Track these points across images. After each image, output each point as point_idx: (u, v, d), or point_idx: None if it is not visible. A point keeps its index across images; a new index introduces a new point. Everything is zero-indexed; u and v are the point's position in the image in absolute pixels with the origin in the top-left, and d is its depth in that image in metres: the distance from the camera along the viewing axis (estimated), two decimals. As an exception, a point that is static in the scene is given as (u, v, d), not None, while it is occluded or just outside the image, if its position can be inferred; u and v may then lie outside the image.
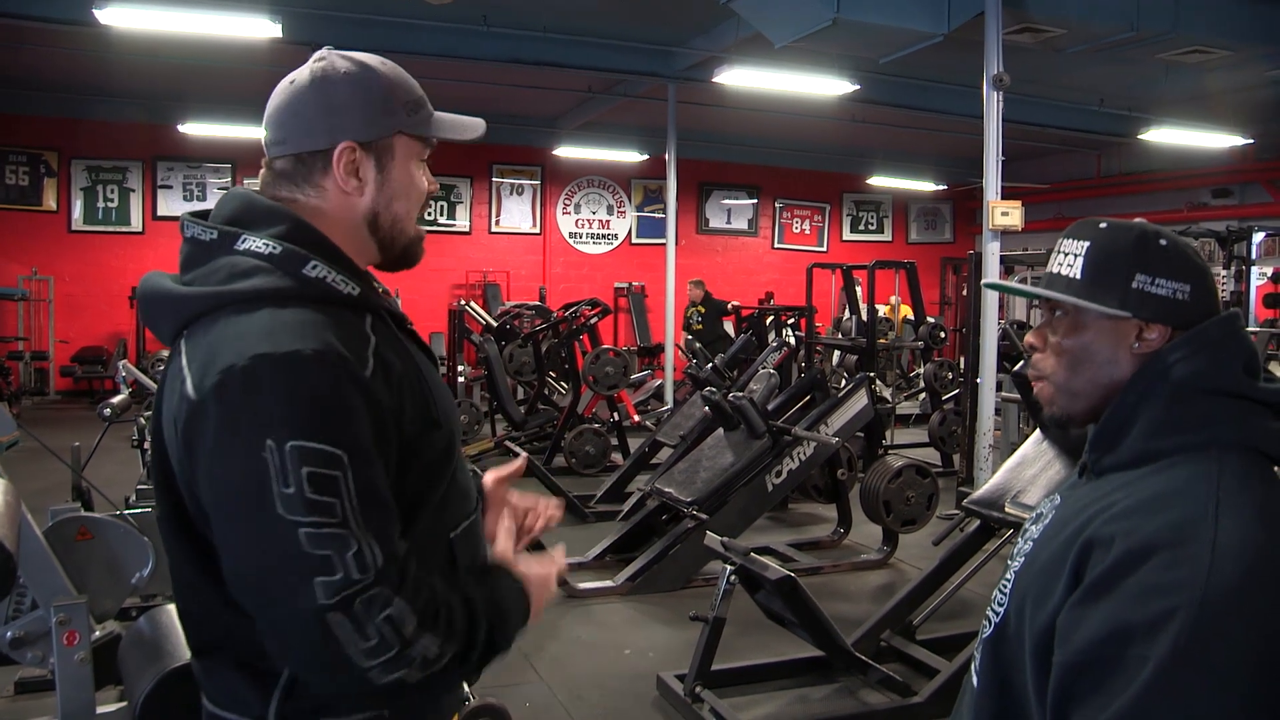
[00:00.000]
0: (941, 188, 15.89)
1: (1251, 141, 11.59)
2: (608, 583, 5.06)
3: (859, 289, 10.17)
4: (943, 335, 9.24)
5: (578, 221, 14.80)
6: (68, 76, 10.94)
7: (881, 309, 10.55)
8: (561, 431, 8.05)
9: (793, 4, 6.81)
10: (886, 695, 3.76)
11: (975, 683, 1.17)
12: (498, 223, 14.34)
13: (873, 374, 6.77)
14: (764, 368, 6.56)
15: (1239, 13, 7.48)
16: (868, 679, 3.85)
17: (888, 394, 9.79)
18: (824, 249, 16.09)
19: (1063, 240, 1.19)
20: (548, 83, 10.47)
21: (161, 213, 12.71)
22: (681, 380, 10.48)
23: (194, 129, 11.65)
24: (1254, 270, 8.98)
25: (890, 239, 16.73)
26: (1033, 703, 1.04)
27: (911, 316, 10.28)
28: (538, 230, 14.55)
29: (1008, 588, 1.13)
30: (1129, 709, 0.91)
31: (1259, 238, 9.15)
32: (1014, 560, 1.16)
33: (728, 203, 15.65)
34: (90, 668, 1.76)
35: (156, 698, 1.64)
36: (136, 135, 12.28)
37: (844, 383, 6.90)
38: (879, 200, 16.57)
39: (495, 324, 10.57)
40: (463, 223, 14.11)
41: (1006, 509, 3.75)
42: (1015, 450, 4.19)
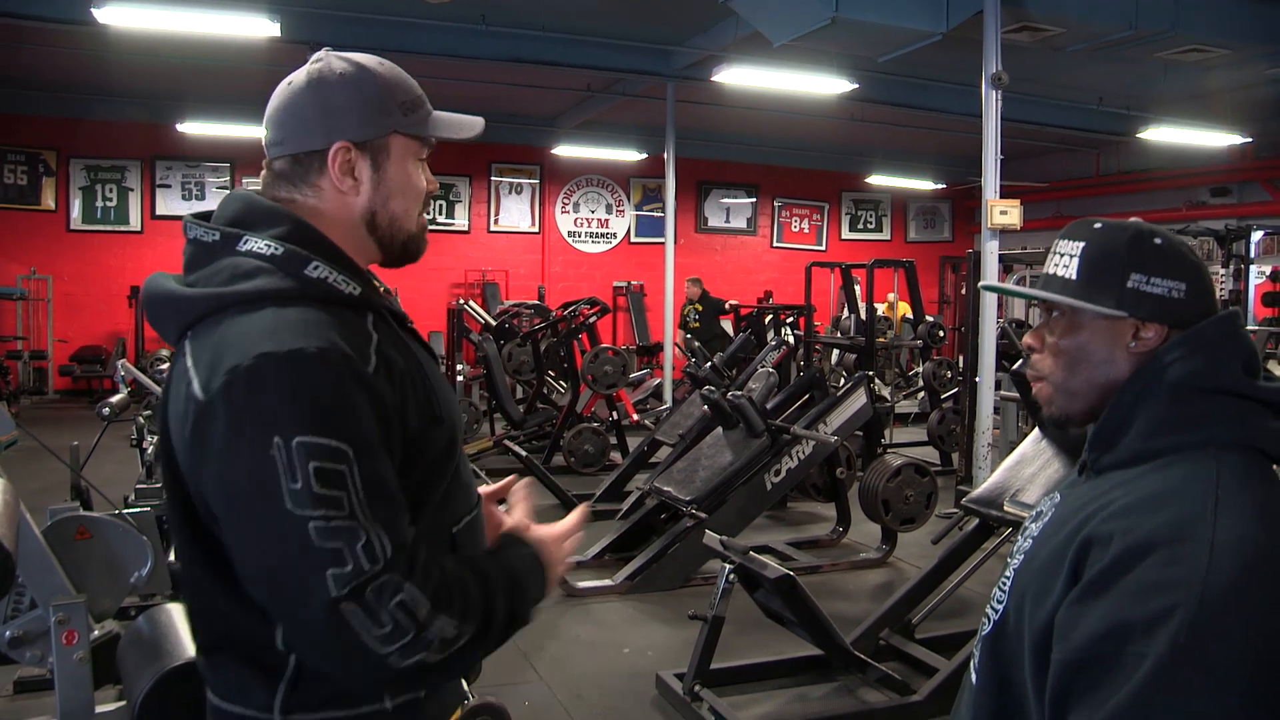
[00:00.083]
0: (940, 186, 15.89)
1: (1250, 140, 11.58)
2: (607, 581, 5.06)
3: (858, 288, 10.17)
4: (941, 334, 9.24)
5: (576, 220, 14.79)
6: (66, 76, 10.92)
7: (879, 307, 10.54)
8: (560, 430, 8.05)
9: (791, 3, 6.81)
10: (885, 694, 3.77)
11: (974, 680, 1.17)
12: (496, 222, 14.33)
13: (871, 373, 6.77)
14: (763, 366, 6.55)
15: (1238, 12, 7.48)
16: (867, 677, 3.86)
17: (886, 393, 9.79)
18: (823, 248, 16.09)
19: (1058, 241, 1.19)
20: (546, 82, 10.47)
21: (160, 212, 12.70)
22: (680, 379, 10.49)
23: (193, 128, 11.63)
24: (1253, 269, 8.99)
25: (889, 238, 16.73)
26: (1031, 700, 1.04)
27: (910, 315, 10.28)
28: (536, 229, 14.54)
29: (1007, 585, 1.14)
30: (1127, 706, 0.91)
31: (1258, 236, 9.16)
32: (1013, 558, 1.17)
33: (726, 202, 15.64)
34: (89, 667, 1.76)
35: (155, 697, 1.65)
36: (135, 134, 12.27)
37: (843, 381, 6.89)
38: (878, 199, 16.57)
39: (494, 323, 10.57)
40: (461, 222, 14.11)
41: (1005, 507, 3.76)
42: (1014, 449, 4.18)
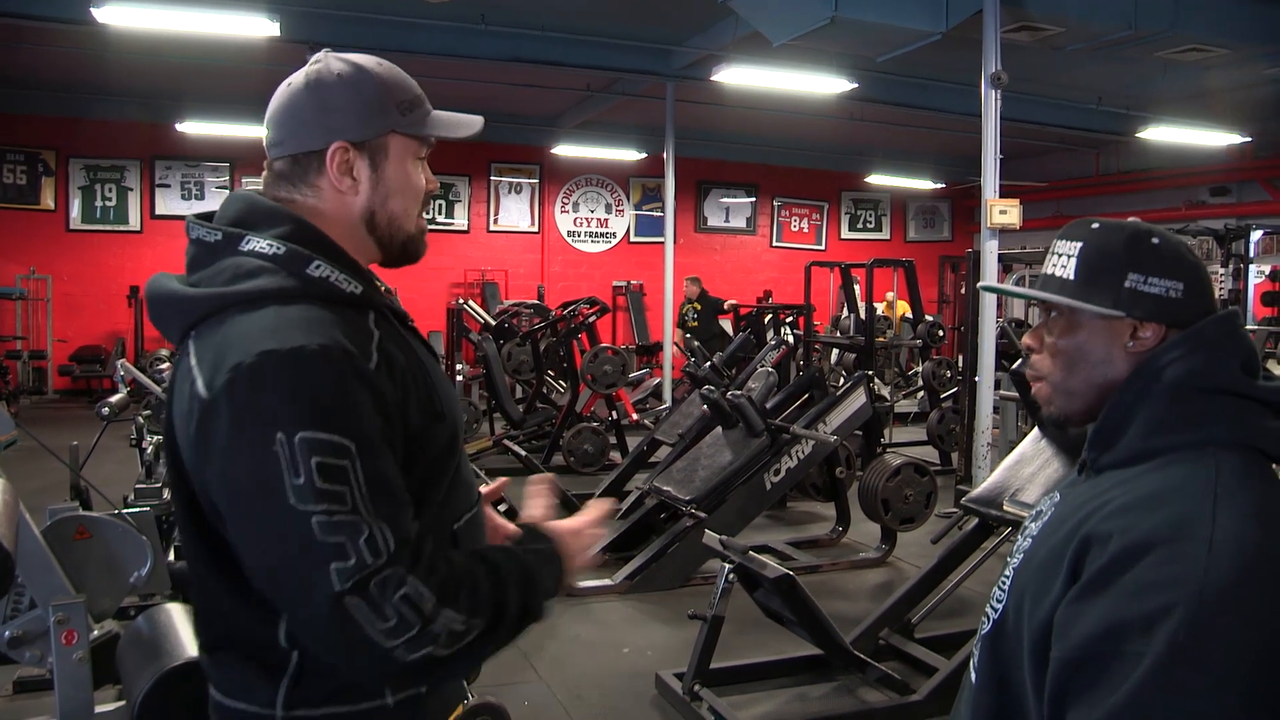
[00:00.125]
0: (940, 186, 15.88)
1: (1249, 140, 11.58)
2: (606, 581, 5.05)
3: (857, 287, 10.17)
4: (941, 333, 9.25)
5: (576, 220, 14.79)
6: (65, 75, 10.91)
7: (878, 307, 10.55)
8: (560, 430, 8.05)
9: (791, 2, 6.82)
10: (885, 693, 3.77)
11: (974, 679, 1.17)
12: (496, 221, 14.33)
13: (871, 372, 6.76)
14: (762, 366, 6.55)
15: (1237, 12, 7.48)
16: (866, 677, 3.86)
17: (886, 392, 9.80)
18: (822, 247, 16.09)
19: (1056, 241, 1.19)
20: (546, 81, 10.46)
21: (160, 212, 12.69)
22: (680, 379, 10.48)
23: (192, 128, 11.62)
24: (1252, 268, 9.00)
25: (888, 237, 16.73)
26: (1030, 699, 1.05)
27: (909, 314, 10.29)
28: (536, 229, 14.54)
29: (1006, 585, 1.14)
30: (1124, 705, 0.91)
31: (1257, 236, 9.18)
32: (1013, 557, 1.17)
33: (726, 201, 15.64)
34: (89, 667, 1.76)
35: (155, 697, 1.65)
36: (134, 134, 12.26)
37: (842, 381, 6.88)
38: (877, 199, 16.57)
39: (493, 323, 10.57)
40: (461, 221, 14.10)
41: (1005, 507, 3.76)
42: (1013, 448, 4.19)
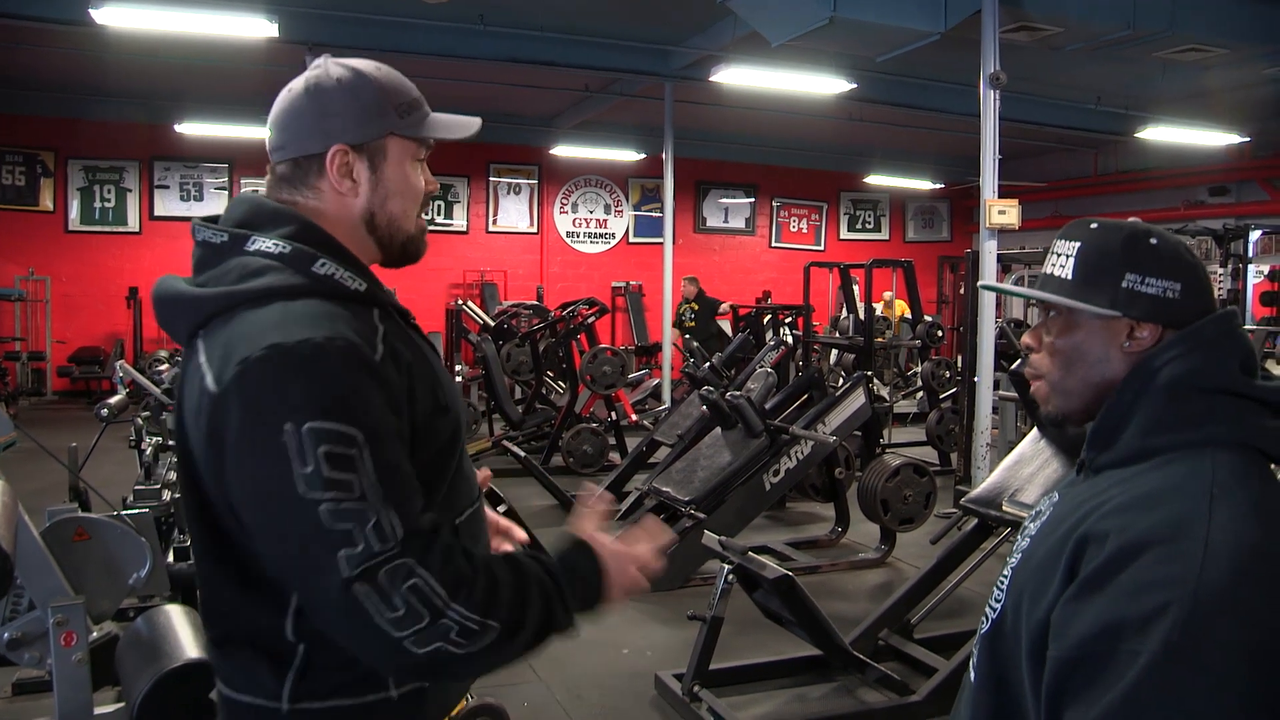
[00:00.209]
0: (939, 186, 15.89)
1: (1248, 140, 11.59)
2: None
3: (856, 288, 10.17)
4: (940, 334, 9.25)
5: (575, 221, 14.79)
6: (64, 76, 10.91)
7: (876, 307, 10.55)
8: (559, 431, 8.04)
9: (790, 3, 6.82)
10: (884, 694, 3.77)
11: (973, 679, 1.18)
12: (495, 222, 14.33)
13: (870, 373, 6.76)
14: (761, 367, 6.55)
15: (1236, 11, 7.48)
16: (866, 678, 3.85)
17: (885, 393, 9.79)
18: (821, 248, 16.09)
19: (1056, 241, 1.20)
20: (545, 82, 10.46)
21: (159, 213, 12.69)
22: (679, 379, 10.48)
23: (191, 129, 11.62)
24: (1251, 268, 9.00)
25: (887, 238, 16.73)
26: (1029, 698, 1.05)
27: (908, 314, 10.29)
28: (535, 229, 14.54)
29: (1005, 584, 1.14)
30: (1121, 704, 0.91)
31: (1255, 236, 9.18)
32: (1012, 557, 1.17)
33: (725, 202, 15.64)
34: (88, 668, 1.76)
35: (154, 698, 1.65)
36: (133, 135, 12.25)
37: (841, 381, 6.88)
38: (876, 199, 16.57)
39: (493, 323, 10.57)
40: (460, 222, 14.10)
41: (1004, 507, 3.76)
42: (1012, 449, 4.19)
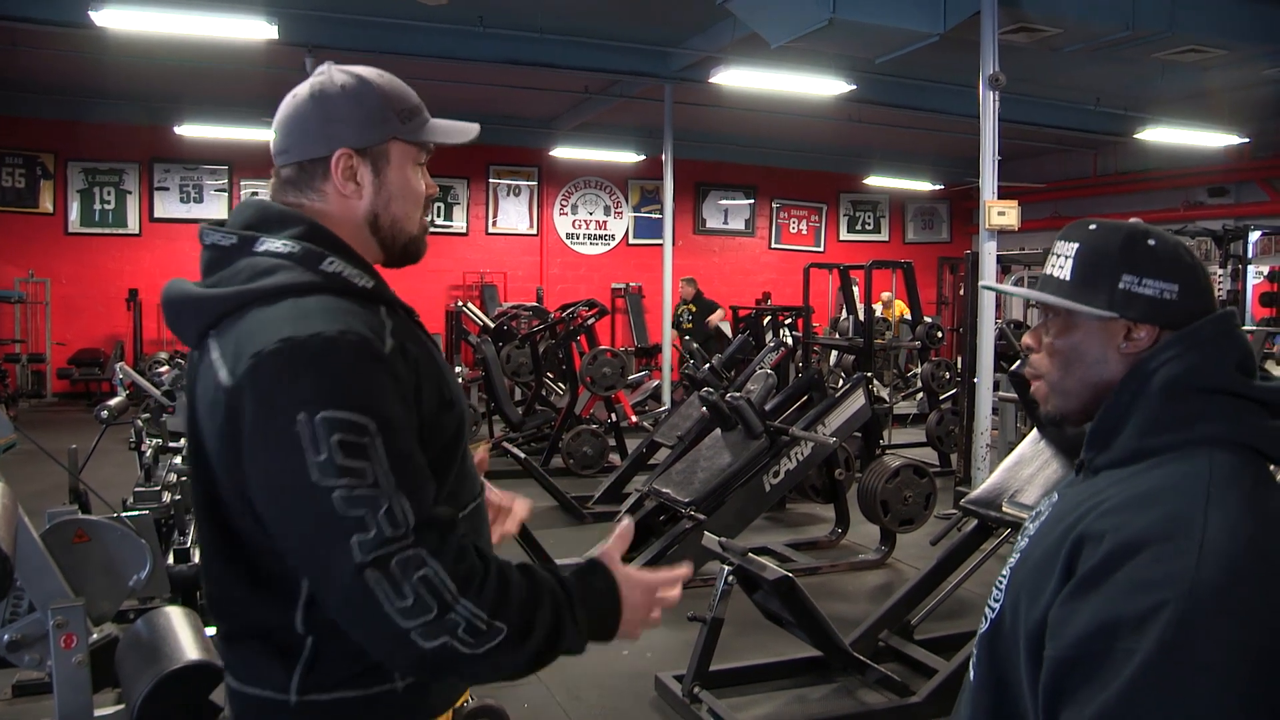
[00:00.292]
0: (938, 187, 15.89)
1: (1247, 140, 11.59)
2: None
3: (856, 289, 10.18)
4: (940, 335, 9.24)
5: (575, 222, 14.79)
6: (64, 78, 10.91)
7: (876, 307, 10.55)
8: (559, 432, 8.04)
9: (789, 4, 6.82)
10: (885, 695, 3.77)
11: (972, 678, 1.18)
12: (495, 224, 14.32)
13: (870, 374, 6.76)
14: (761, 368, 6.55)
15: (1235, 12, 7.48)
16: (866, 679, 3.85)
17: (885, 394, 9.80)
18: (821, 249, 16.08)
19: (1056, 242, 1.20)
20: (544, 84, 10.46)
21: (158, 214, 12.68)
22: (679, 380, 10.48)
23: (190, 130, 11.61)
24: (1250, 269, 8.99)
25: (887, 239, 16.73)
26: (1027, 698, 1.05)
27: (907, 315, 10.29)
28: (535, 231, 14.54)
29: (1004, 584, 1.15)
30: (1116, 702, 0.91)
31: (1255, 236, 9.15)
32: (1012, 557, 1.18)
33: (724, 203, 15.64)
34: (88, 670, 1.76)
35: (154, 700, 1.65)
36: (133, 137, 12.25)
37: (841, 383, 6.89)
38: (876, 200, 16.57)
39: (492, 325, 10.57)
40: (460, 224, 14.10)
41: (1004, 508, 3.76)
42: (1012, 450, 4.19)
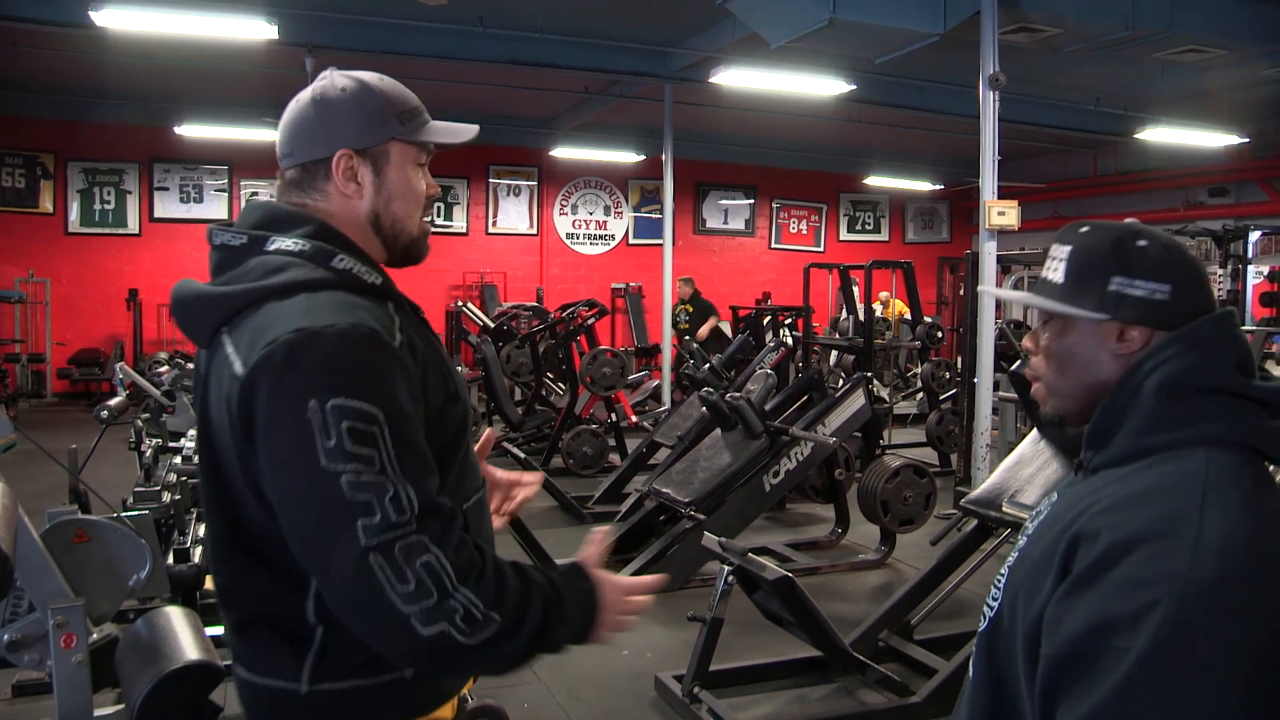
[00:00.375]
0: (938, 187, 15.89)
1: (1248, 140, 11.59)
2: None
3: (856, 289, 10.18)
4: (940, 335, 9.24)
5: (575, 222, 14.79)
6: (64, 79, 10.91)
7: (875, 308, 10.55)
8: (559, 432, 8.04)
9: (789, 4, 6.82)
10: (885, 695, 3.77)
11: (972, 676, 1.19)
12: (495, 224, 14.32)
13: (870, 374, 6.77)
14: (761, 368, 6.56)
15: (1235, 12, 7.48)
16: (866, 679, 3.86)
17: (885, 394, 9.79)
18: (821, 249, 16.09)
19: (1052, 245, 1.21)
20: (544, 84, 10.46)
21: (158, 214, 12.66)
22: (675, 380, 10.49)
23: (190, 130, 11.60)
24: (1250, 269, 8.98)
25: (887, 239, 16.73)
26: (1025, 695, 1.06)
27: (906, 314, 10.30)
28: (535, 231, 14.54)
29: (1002, 583, 1.15)
30: (1110, 700, 0.92)
31: (1255, 236, 9.14)
32: (1011, 556, 1.18)
33: (724, 203, 15.64)
34: (88, 670, 1.76)
35: (154, 700, 1.65)
36: (133, 137, 12.25)
37: (841, 383, 6.89)
38: (876, 200, 16.57)
39: (492, 325, 10.58)
40: (460, 224, 14.10)
41: (1004, 508, 3.76)
42: (1012, 450, 4.19)
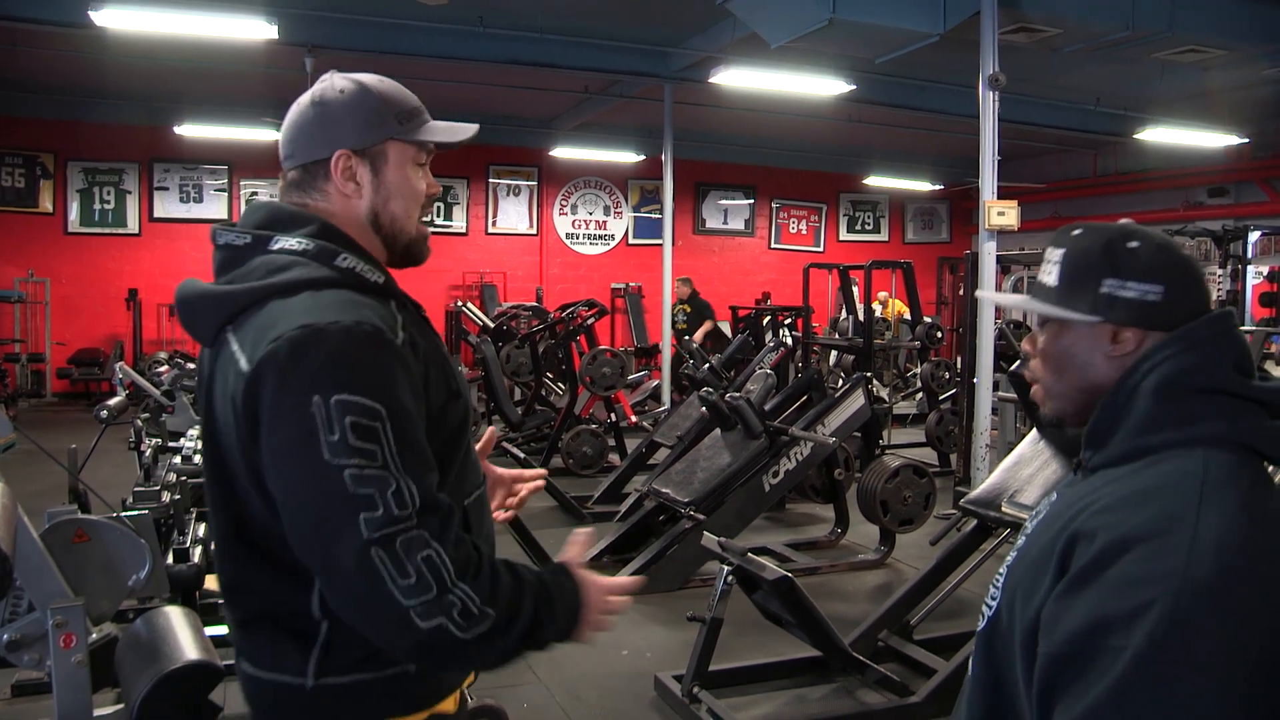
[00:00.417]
0: (938, 187, 15.88)
1: (1247, 141, 11.59)
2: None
3: (856, 289, 10.18)
4: (939, 335, 9.24)
5: (574, 222, 14.78)
6: (63, 78, 10.91)
7: (875, 308, 10.55)
8: (559, 432, 8.04)
9: (789, 4, 6.82)
10: (884, 695, 3.77)
11: (971, 675, 1.20)
12: (494, 224, 14.32)
13: (869, 374, 6.77)
14: (761, 368, 6.56)
15: (1235, 12, 7.48)
16: (865, 679, 3.86)
17: (885, 394, 9.80)
18: (821, 249, 16.08)
19: (1046, 248, 1.22)
20: (544, 84, 10.46)
21: (158, 214, 12.66)
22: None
23: (190, 130, 11.59)
24: (1250, 269, 8.98)
25: (887, 239, 16.73)
26: (1023, 695, 1.06)
27: (905, 314, 10.30)
28: (534, 231, 14.53)
29: (1001, 582, 1.16)
30: (1106, 698, 0.92)
31: (1255, 237, 9.14)
32: (1010, 556, 1.18)
33: (724, 203, 15.64)
34: (87, 670, 1.76)
35: (154, 699, 1.65)
36: (133, 137, 12.25)
37: (841, 383, 6.89)
38: (876, 200, 16.57)
39: (492, 325, 10.58)
40: (459, 224, 14.10)
41: (1003, 508, 3.76)
42: (1012, 450, 4.19)
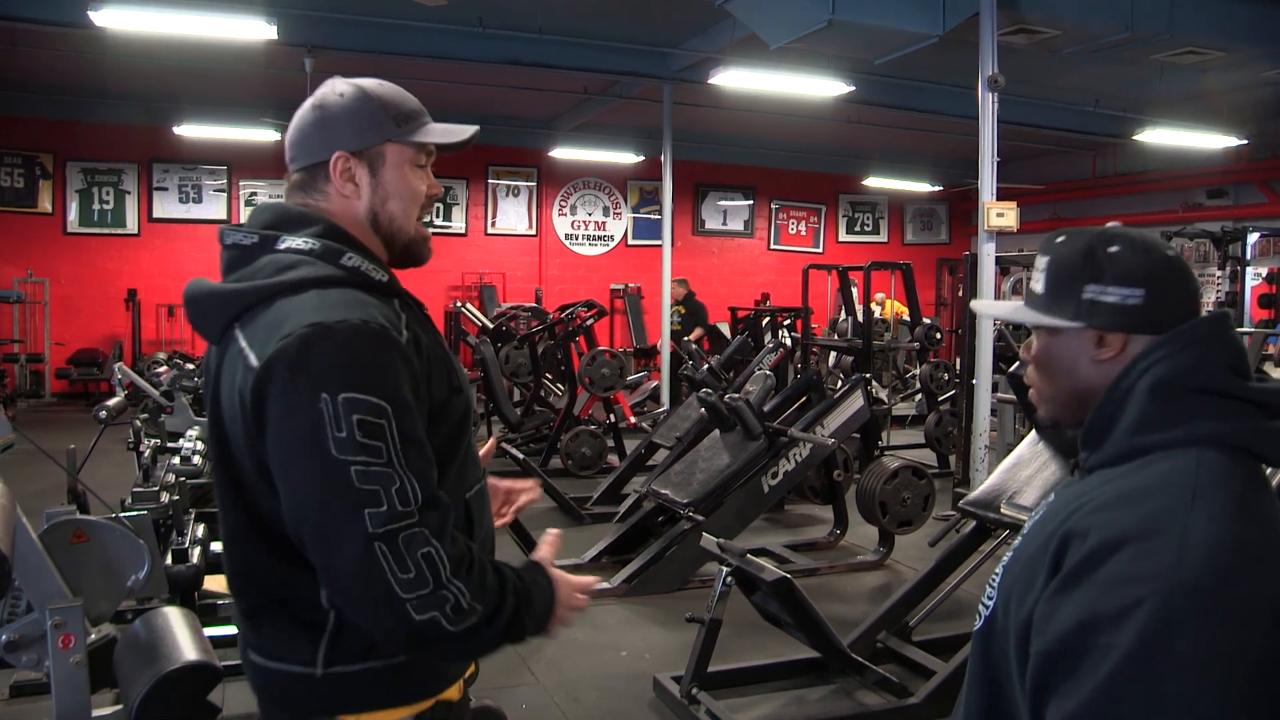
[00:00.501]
0: (937, 189, 15.90)
1: (1246, 142, 11.59)
2: (604, 584, 5.05)
3: (855, 290, 10.18)
4: (938, 336, 9.24)
5: (574, 223, 14.79)
6: (63, 79, 10.91)
7: (874, 309, 10.55)
8: (558, 433, 8.04)
9: (788, 5, 6.82)
10: (883, 696, 3.77)
11: (968, 675, 1.21)
12: (494, 224, 14.32)
13: (869, 375, 6.76)
14: (760, 369, 6.55)
15: (1234, 13, 7.49)
16: (864, 680, 3.86)
17: (884, 395, 9.80)
18: (820, 250, 16.09)
19: (1036, 256, 1.24)
20: (543, 84, 10.47)
21: (157, 215, 12.66)
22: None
23: (190, 131, 11.59)
24: (1249, 271, 8.98)
25: (886, 240, 16.74)
26: (1018, 693, 1.07)
27: (904, 315, 10.30)
28: (534, 232, 14.54)
29: (997, 582, 1.17)
30: (1096, 696, 0.93)
31: (1253, 238, 9.15)
32: (1006, 555, 1.19)
33: (724, 204, 15.64)
34: (86, 671, 1.76)
35: (153, 700, 1.65)
36: (132, 137, 12.24)
37: (840, 384, 6.89)
38: (875, 201, 16.57)
39: (491, 326, 10.58)
40: (459, 224, 14.10)
41: (1002, 510, 3.76)
42: (1011, 451, 4.19)
